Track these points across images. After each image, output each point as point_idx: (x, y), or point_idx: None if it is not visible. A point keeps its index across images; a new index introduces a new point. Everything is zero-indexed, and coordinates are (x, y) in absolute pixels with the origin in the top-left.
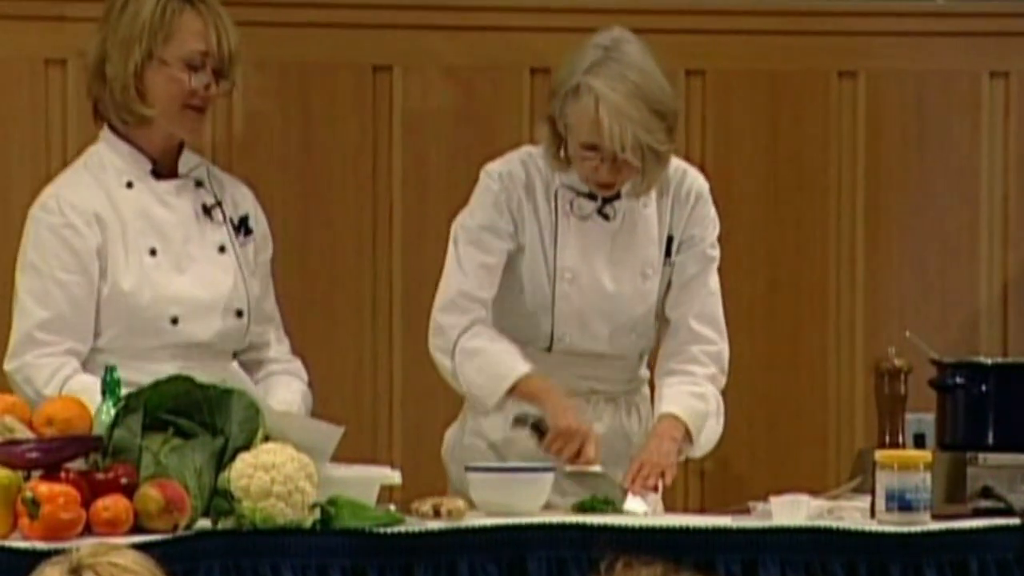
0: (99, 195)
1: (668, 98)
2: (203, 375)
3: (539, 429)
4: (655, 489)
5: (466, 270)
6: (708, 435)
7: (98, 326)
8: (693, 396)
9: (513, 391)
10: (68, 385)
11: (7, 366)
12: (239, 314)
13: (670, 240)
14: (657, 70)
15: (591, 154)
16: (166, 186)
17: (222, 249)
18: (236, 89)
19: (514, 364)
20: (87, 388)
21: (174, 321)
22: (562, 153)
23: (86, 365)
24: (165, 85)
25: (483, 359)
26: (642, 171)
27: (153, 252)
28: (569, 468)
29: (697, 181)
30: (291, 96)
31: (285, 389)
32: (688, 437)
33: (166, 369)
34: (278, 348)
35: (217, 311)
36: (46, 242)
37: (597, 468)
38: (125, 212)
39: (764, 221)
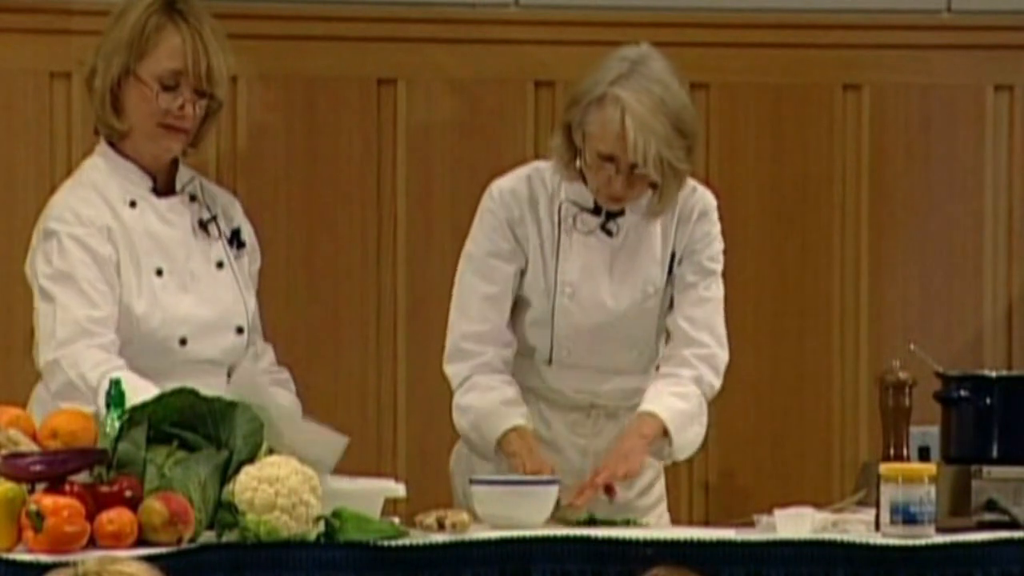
0: (107, 212)
1: (691, 117)
2: (208, 391)
3: None
4: (610, 492)
5: (468, 308)
6: (689, 435)
7: None
8: (673, 396)
9: (498, 451)
10: (111, 376)
11: (55, 354)
12: (239, 330)
13: (673, 257)
14: (681, 89)
15: (608, 165)
16: (166, 203)
17: (220, 265)
18: (219, 107)
19: (497, 423)
20: (135, 387)
21: (183, 342)
22: (576, 163)
23: None
24: (139, 102)
25: (473, 417)
26: (660, 188)
27: (160, 272)
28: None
29: (704, 198)
30: (296, 109)
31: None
32: (669, 438)
33: (172, 387)
34: (265, 358)
35: (220, 329)
36: (71, 250)
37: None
38: (132, 232)
39: (768, 234)
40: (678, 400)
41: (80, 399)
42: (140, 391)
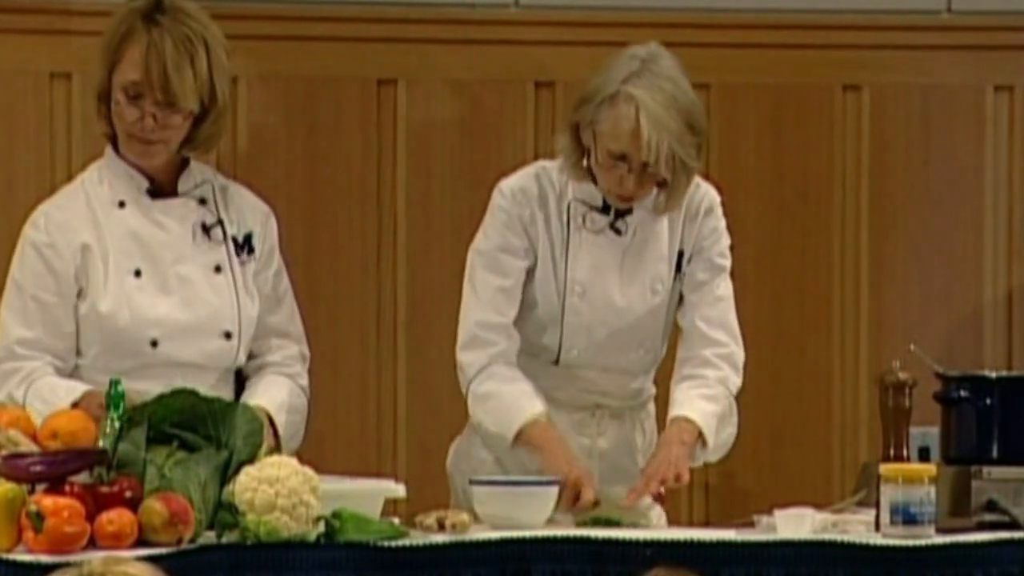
0: (87, 216)
1: (700, 115)
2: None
3: None
4: (661, 499)
5: (483, 298)
6: (722, 437)
7: (79, 345)
8: (704, 398)
9: (518, 440)
10: (35, 384)
11: None
12: (227, 336)
13: (680, 254)
14: (690, 87)
15: (620, 164)
16: (161, 205)
17: (218, 269)
18: (208, 114)
19: (518, 413)
20: (52, 386)
21: (153, 343)
22: (584, 162)
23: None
24: (114, 110)
25: (493, 404)
26: (670, 186)
27: (138, 273)
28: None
29: (708, 194)
30: (296, 109)
31: (268, 385)
32: (702, 440)
33: (149, 387)
34: (280, 353)
35: (201, 333)
36: (29, 260)
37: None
38: (112, 233)
39: (768, 234)
40: (709, 403)
41: None
42: (55, 388)
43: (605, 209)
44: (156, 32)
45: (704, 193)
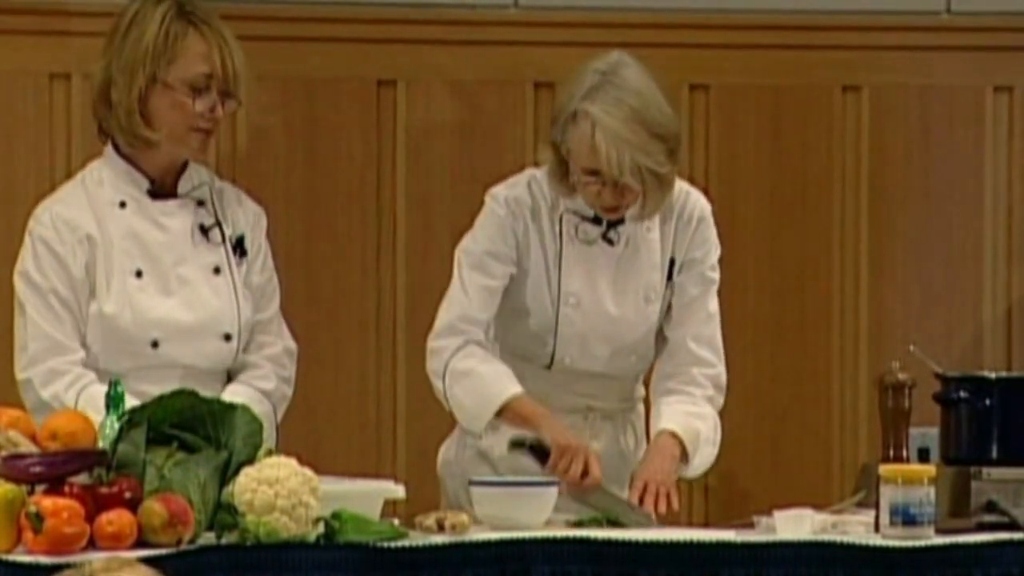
0: (90, 214)
1: (668, 120)
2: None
3: (537, 451)
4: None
5: (469, 293)
6: (703, 456)
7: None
8: (691, 416)
9: (502, 413)
10: (87, 391)
11: (27, 373)
12: (227, 338)
13: (672, 263)
14: (657, 93)
15: (593, 179)
16: (162, 206)
17: (217, 270)
18: (242, 108)
19: (504, 386)
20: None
21: (154, 344)
22: (570, 178)
23: None
24: (170, 109)
25: (473, 380)
26: (643, 194)
27: (139, 274)
28: (572, 490)
29: (699, 203)
30: (295, 110)
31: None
32: (684, 455)
33: (147, 389)
34: (257, 354)
35: (201, 335)
36: (43, 257)
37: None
38: (114, 233)
39: (768, 235)
40: (696, 421)
41: None
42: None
43: (597, 220)
44: (215, 24)
45: (695, 202)
